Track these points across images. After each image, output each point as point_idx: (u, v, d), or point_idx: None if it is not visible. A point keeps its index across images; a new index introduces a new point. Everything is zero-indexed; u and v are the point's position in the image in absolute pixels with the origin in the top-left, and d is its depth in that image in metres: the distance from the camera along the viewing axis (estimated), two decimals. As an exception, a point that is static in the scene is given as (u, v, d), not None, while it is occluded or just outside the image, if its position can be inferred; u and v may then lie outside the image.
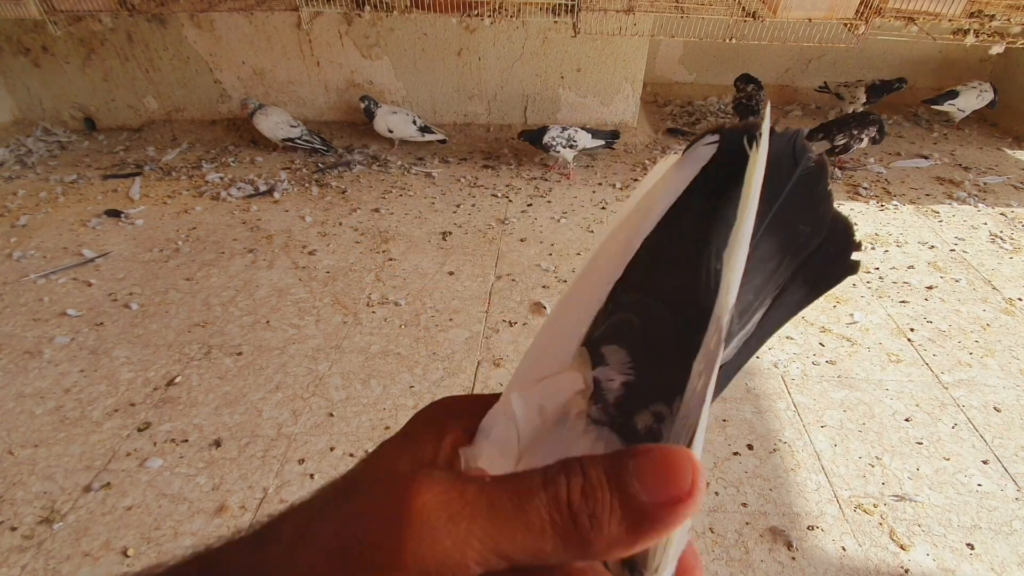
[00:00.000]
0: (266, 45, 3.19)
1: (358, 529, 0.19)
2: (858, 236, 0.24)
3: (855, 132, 2.95)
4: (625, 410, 0.21)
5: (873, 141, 3.00)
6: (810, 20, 2.53)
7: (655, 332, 0.22)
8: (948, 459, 1.58)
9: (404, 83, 3.32)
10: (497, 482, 0.19)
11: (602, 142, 3.07)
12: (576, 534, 0.18)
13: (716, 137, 0.22)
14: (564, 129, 2.98)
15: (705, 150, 0.23)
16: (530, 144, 3.03)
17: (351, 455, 1.58)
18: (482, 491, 0.19)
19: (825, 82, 3.68)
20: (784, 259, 0.23)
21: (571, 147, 2.97)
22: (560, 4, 2.61)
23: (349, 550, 0.18)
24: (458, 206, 2.77)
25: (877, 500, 1.48)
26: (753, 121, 0.21)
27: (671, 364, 0.21)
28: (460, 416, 0.24)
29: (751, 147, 0.21)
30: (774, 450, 1.60)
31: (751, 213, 0.21)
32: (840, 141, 2.97)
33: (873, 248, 2.50)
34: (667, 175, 0.23)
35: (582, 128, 3.03)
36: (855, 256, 0.24)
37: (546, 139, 2.95)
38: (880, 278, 2.31)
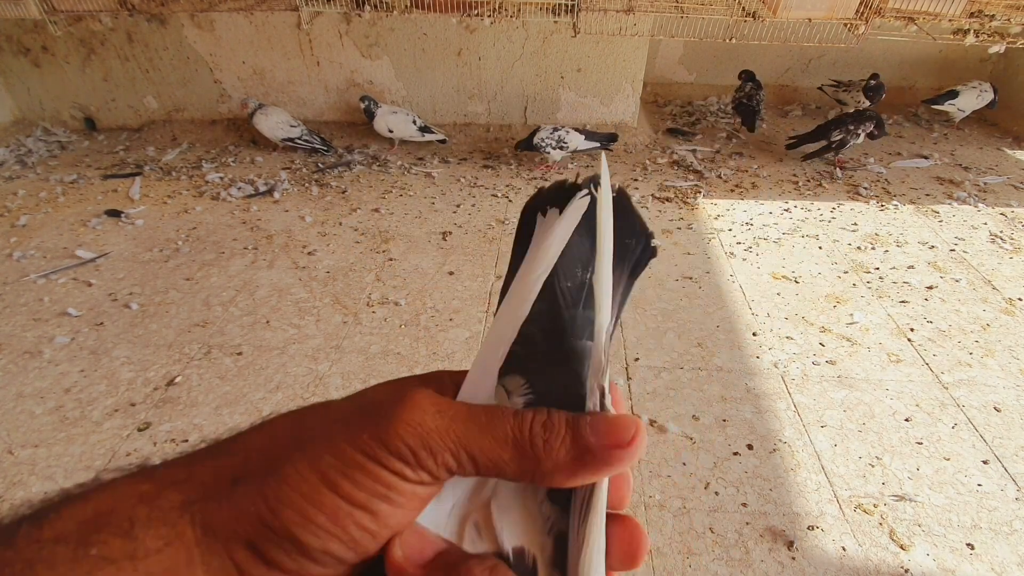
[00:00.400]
0: (266, 45, 3.19)
1: (368, 403, 0.25)
2: (651, 228, 0.30)
3: (851, 128, 2.96)
4: None
5: (871, 136, 3.00)
6: (810, 20, 2.53)
7: (534, 353, 0.26)
8: (948, 459, 1.58)
9: (404, 83, 3.32)
10: (477, 405, 0.25)
11: (596, 144, 3.05)
12: (531, 452, 0.23)
13: (586, 192, 0.28)
14: (556, 129, 2.96)
15: (582, 202, 0.28)
16: (526, 150, 3.04)
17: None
18: (464, 405, 0.24)
19: (822, 87, 3.67)
20: (624, 269, 0.29)
21: (561, 148, 2.96)
22: (560, 4, 2.62)
23: (363, 409, 0.24)
24: (458, 206, 2.77)
25: (877, 500, 1.47)
26: (595, 176, 0.28)
27: (560, 379, 0.25)
28: (447, 382, 0.28)
29: (596, 189, 0.27)
30: (774, 450, 1.60)
31: (608, 241, 0.26)
32: (836, 137, 2.98)
33: (873, 248, 2.50)
34: (553, 226, 0.28)
35: (576, 129, 3.01)
36: (654, 243, 0.30)
37: (536, 139, 2.95)
38: (880, 278, 2.31)
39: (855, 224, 2.67)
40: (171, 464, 0.24)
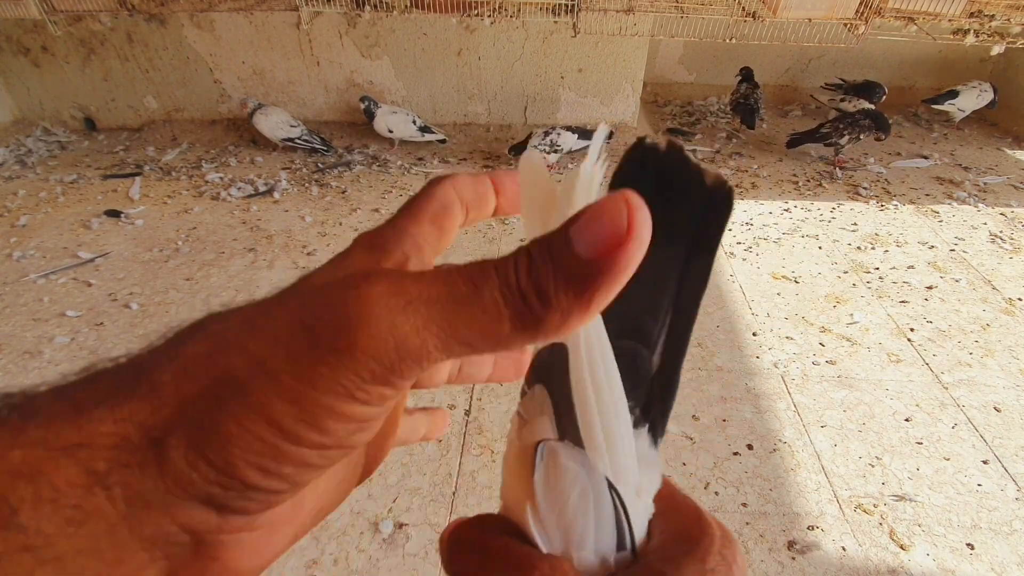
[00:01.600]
0: (266, 45, 3.19)
1: (311, 316, 0.18)
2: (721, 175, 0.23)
3: (847, 121, 2.99)
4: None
5: (875, 128, 2.98)
6: (810, 20, 2.53)
7: (547, 361, 0.24)
8: (948, 459, 1.58)
9: (404, 83, 3.32)
10: (453, 268, 0.18)
11: (591, 142, 3.04)
12: (528, 313, 0.18)
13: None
14: (547, 134, 2.95)
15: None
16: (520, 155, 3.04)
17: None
18: (437, 278, 0.18)
19: (814, 95, 3.68)
20: (671, 248, 0.23)
21: (555, 152, 2.96)
22: (560, 4, 2.61)
23: (311, 328, 0.17)
24: (458, 206, 2.77)
25: (877, 500, 1.48)
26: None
27: (565, 391, 0.21)
28: (400, 240, 0.22)
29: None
30: (774, 450, 1.60)
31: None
32: (826, 131, 3.04)
33: (873, 248, 2.50)
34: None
35: (569, 129, 2.99)
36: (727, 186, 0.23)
37: (529, 148, 2.95)
38: (880, 278, 2.31)
39: (855, 224, 2.67)
40: (47, 415, 0.17)
